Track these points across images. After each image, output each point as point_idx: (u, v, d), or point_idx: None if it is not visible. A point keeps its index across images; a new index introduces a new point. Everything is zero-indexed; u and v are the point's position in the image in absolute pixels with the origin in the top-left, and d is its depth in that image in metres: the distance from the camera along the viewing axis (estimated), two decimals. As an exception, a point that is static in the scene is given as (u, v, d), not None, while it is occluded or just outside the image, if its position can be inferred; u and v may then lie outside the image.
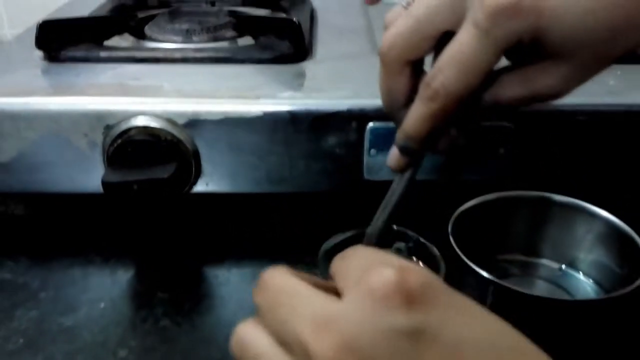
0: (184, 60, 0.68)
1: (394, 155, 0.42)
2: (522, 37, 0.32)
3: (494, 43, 0.32)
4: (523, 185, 0.57)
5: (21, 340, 0.51)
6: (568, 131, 0.60)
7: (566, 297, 0.55)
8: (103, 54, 0.68)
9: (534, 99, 0.36)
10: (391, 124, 0.58)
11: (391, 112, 0.40)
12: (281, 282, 0.29)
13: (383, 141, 0.60)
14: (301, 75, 0.67)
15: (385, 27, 0.39)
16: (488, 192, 0.57)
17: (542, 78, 0.35)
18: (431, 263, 0.42)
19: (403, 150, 0.41)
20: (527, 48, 0.33)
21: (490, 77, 0.35)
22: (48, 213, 0.67)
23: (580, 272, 0.57)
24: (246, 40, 0.76)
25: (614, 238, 0.54)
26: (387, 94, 0.38)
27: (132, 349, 0.50)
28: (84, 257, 0.61)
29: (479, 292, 0.50)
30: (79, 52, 0.68)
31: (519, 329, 0.50)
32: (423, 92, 0.36)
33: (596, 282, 0.56)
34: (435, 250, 0.42)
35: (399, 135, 0.41)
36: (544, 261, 0.59)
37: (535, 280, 0.58)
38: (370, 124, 0.59)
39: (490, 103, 0.37)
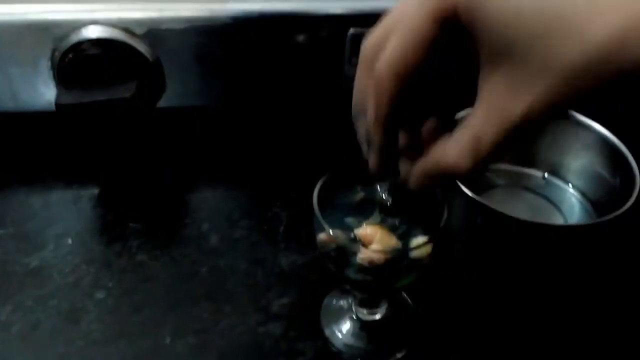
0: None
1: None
2: (458, 8, 0.26)
3: (427, 10, 0.27)
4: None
5: (-14, 287, 0.47)
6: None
7: (553, 210, 0.54)
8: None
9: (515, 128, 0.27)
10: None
11: (357, 116, 0.33)
12: None
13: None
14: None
15: None
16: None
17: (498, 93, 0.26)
18: (431, 200, 0.40)
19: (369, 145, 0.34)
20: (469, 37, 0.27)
21: None
22: (-6, 135, 0.60)
23: (568, 183, 0.56)
24: None
25: (602, 147, 0.52)
26: (357, 93, 0.32)
27: (109, 291, 0.47)
28: (42, 184, 0.56)
29: (468, 212, 0.48)
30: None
31: (508, 250, 0.50)
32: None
33: (581, 192, 0.55)
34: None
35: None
36: (531, 171, 0.57)
37: (521, 192, 0.57)
38: (352, 30, 0.54)
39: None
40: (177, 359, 0.42)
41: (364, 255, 0.36)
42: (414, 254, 0.36)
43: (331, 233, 0.36)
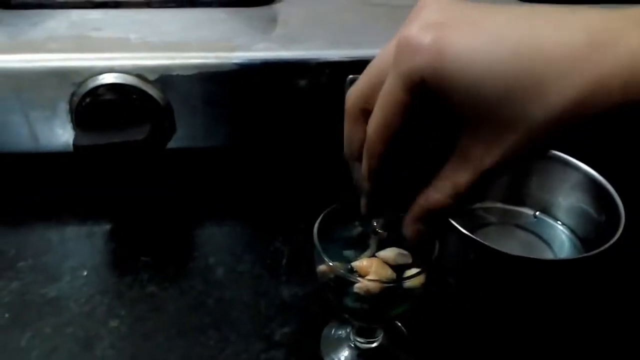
0: (147, 4, 0.64)
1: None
2: (425, 77, 0.29)
3: (400, 78, 0.30)
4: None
5: (6, 315, 0.49)
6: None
7: (543, 246, 0.57)
8: (59, -1, 0.63)
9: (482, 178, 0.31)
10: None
11: (349, 161, 0.37)
12: None
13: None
14: (273, 21, 0.63)
15: None
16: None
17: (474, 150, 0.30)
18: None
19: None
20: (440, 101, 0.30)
21: None
22: (13, 174, 0.64)
23: (557, 220, 0.59)
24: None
25: (589, 187, 0.56)
26: (346, 142, 0.36)
27: (122, 319, 0.50)
28: (58, 220, 0.59)
29: (462, 248, 0.51)
30: (31, -1, 0.63)
31: (500, 285, 0.52)
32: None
33: (571, 229, 0.58)
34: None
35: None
36: (522, 209, 0.61)
37: (512, 229, 0.60)
38: (350, 76, 0.58)
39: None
40: (185, 384, 0.45)
41: (361, 284, 0.39)
42: (408, 283, 0.39)
43: (330, 264, 0.39)
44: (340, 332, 0.49)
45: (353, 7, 0.67)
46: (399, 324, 0.49)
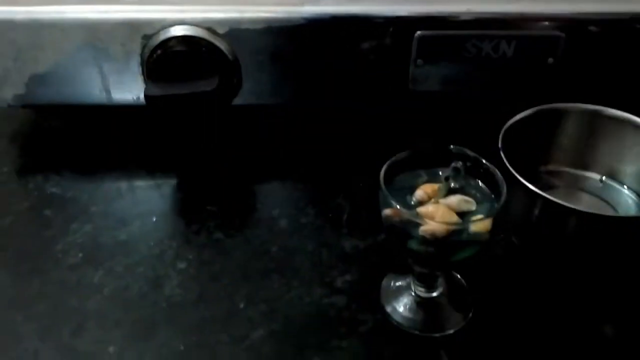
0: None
1: None
2: None
3: None
4: (573, 98, 0.57)
5: (80, 254, 0.52)
6: (623, 41, 0.59)
7: (609, 210, 0.56)
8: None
9: None
10: (440, 32, 0.57)
11: None
12: None
13: (431, 51, 0.58)
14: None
15: None
16: (539, 105, 0.56)
17: None
18: (491, 183, 0.43)
19: None
20: None
21: None
22: (86, 126, 0.66)
23: (623, 185, 0.58)
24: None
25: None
26: None
27: (190, 262, 0.51)
28: (127, 170, 0.61)
29: (527, 204, 0.51)
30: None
31: (562, 241, 0.52)
32: None
33: (638, 194, 0.57)
34: (497, 172, 0.42)
35: None
36: (588, 173, 0.59)
37: (578, 193, 0.59)
38: (419, 32, 0.57)
39: None
40: (249, 322, 0.46)
41: (427, 227, 0.39)
42: (473, 228, 0.39)
43: (397, 207, 0.40)
44: (400, 282, 0.49)
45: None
46: (459, 277, 0.50)
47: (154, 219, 0.56)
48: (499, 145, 0.51)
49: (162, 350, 0.45)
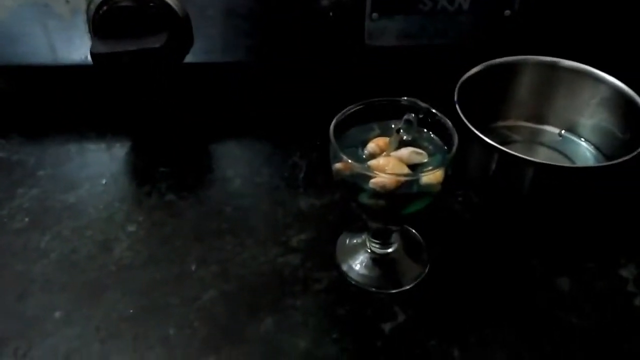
0: None
1: None
2: None
3: None
4: (531, 51, 0.56)
5: (26, 219, 0.50)
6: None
7: (566, 162, 0.56)
8: None
9: None
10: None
11: None
12: None
13: (386, 4, 0.57)
14: None
15: None
16: (494, 58, 0.55)
17: None
18: (443, 134, 0.42)
19: None
20: None
21: None
22: (33, 88, 0.64)
23: (581, 138, 0.57)
24: None
25: (618, 102, 0.54)
26: None
27: (140, 224, 0.50)
28: (77, 132, 0.59)
29: (483, 158, 0.50)
30: None
31: (520, 194, 0.51)
32: None
33: (596, 147, 0.56)
34: (448, 122, 0.41)
35: None
36: (546, 127, 0.59)
37: (536, 147, 0.58)
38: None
39: None
40: (201, 283, 0.45)
41: (376, 179, 0.38)
42: (424, 179, 0.38)
43: (349, 161, 0.39)
44: (356, 240, 0.48)
45: None
46: (415, 232, 0.49)
47: (104, 182, 0.54)
48: (455, 100, 0.50)
49: (112, 314, 0.43)
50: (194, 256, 0.47)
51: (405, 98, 0.43)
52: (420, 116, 0.42)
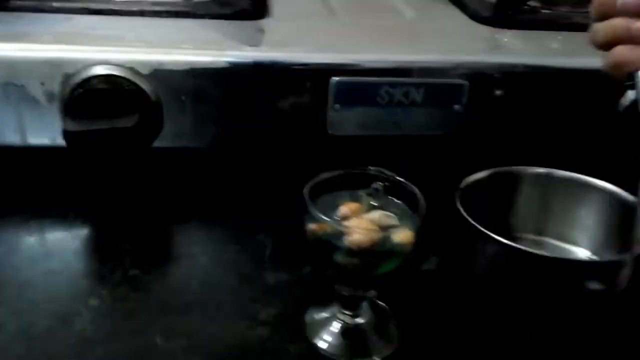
0: (142, 13, 0.66)
1: None
2: None
3: None
4: (479, 143, 0.60)
5: (-19, 294, 0.48)
6: (522, 90, 0.64)
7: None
8: (56, 4, 0.65)
9: None
10: (356, 79, 0.60)
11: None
12: None
13: (347, 96, 0.61)
14: (262, 31, 0.66)
15: None
16: (448, 149, 0.59)
17: None
18: (410, 201, 0.44)
19: None
20: None
21: None
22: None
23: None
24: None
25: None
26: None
27: (103, 298, 0.49)
28: (39, 210, 0.59)
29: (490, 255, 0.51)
30: (30, 1, 0.64)
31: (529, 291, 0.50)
32: None
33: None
34: (415, 188, 0.43)
35: None
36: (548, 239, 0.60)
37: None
38: (335, 78, 0.60)
39: None
40: (168, 356, 0.44)
41: (352, 237, 0.39)
42: (396, 238, 0.40)
43: (324, 218, 0.40)
44: (325, 313, 0.48)
45: (336, 21, 0.71)
46: (384, 304, 0.49)
47: (65, 258, 0.53)
48: (457, 201, 0.52)
49: (71, 387, 0.41)
50: (159, 329, 0.46)
51: (372, 167, 0.45)
52: (387, 184, 0.45)
